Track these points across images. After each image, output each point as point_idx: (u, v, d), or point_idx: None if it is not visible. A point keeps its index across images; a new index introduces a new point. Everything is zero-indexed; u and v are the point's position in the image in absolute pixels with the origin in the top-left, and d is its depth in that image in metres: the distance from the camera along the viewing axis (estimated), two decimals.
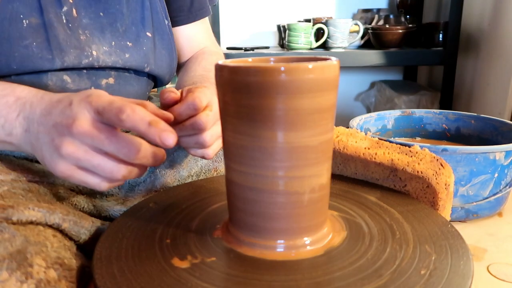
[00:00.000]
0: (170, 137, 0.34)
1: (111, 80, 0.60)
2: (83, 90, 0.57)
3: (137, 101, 0.39)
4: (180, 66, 0.76)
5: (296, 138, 0.34)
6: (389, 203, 0.46)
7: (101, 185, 0.38)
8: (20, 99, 0.41)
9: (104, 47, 0.58)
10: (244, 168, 0.35)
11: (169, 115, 0.40)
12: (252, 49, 1.66)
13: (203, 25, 0.76)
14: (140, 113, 0.34)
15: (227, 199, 0.39)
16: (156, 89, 1.61)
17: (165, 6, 0.67)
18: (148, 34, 0.63)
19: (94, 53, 0.57)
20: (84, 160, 0.36)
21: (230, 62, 0.36)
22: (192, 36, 0.75)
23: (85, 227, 0.42)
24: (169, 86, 1.62)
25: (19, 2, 0.51)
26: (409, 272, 0.34)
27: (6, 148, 0.43)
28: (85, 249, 0.42)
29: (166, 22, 0.66)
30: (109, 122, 0.35)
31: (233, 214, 0.39)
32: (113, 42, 0.59)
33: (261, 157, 0.34)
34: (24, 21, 0.51)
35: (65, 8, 0.55)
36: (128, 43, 0.61)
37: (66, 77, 0.56)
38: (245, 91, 0.33)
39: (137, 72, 0.64)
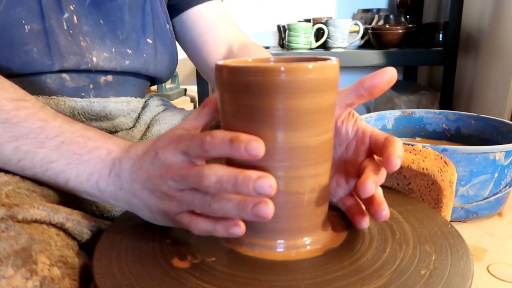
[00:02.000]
0: (255, 145, 0.31)
1: (109, 78, 0.61)
2: (81, 87, 0.58)
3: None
4: (210, 62, 0.70)
5: (296, 138, 0.34)
6: (388, 203, 0.46)
7: (207, 227, 0.35)
8: (111, 153, 0.40)
9: (104, 54, 0.58)
10: (244, 168, 0.35)
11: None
12: None
13: (220, 8, 0.71)
14: (220, 135, 0.32)
15: None
16: (156, 87, 1.61)
17: (167, 11, 0.66)
18: (149, 40, 0.63)
19: (94, 59, 0.57)
20: (186, 202, 0.35)
21: (230, 62, 0.36)
22: (212, 19, 0.69)
23: (87, 227, 0.42)
24: (170, 85, 1.62)
25: (22, 7, 0.51)
26: (409, 272, 0.34)
27: (92, 199, 0.42)
28: (87, 248, 0.43)
29: (168, 26, 0.66)
30: (198, 159, 0.34)
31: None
32: (113, 49, 0.59)
33: (261, 157, 0.34)
34: (26, 26, 0.52)
35: (66, 15, 0.55)
36: (128, 50, 0.61)
37: (64, 75, 0.57)
38: (245, 91, 0.33)
39: (136, 74, 0.64)
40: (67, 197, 0.48)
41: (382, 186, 0.51)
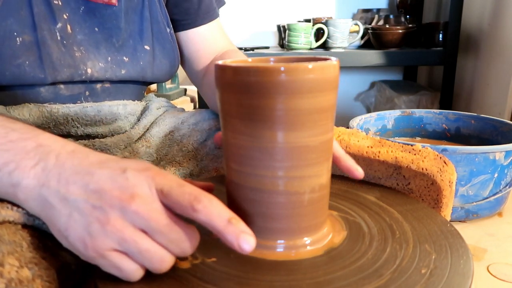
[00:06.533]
0: (250, 241, 0.29)
1: (106, 84, 0.60)
2: (76, 95, 0.57)
3: (201, 184, 0.37)
4: (201, 71, 0.72)
5: (296, 138, 0.34)
6: (388, 203, 0.46)
7: (137, 273, 0.31)
8: (43, 147, 0.34)
9: (100, 63, 0.57)
10: (244, 168, 0.35)
11: (210, 184, 0.39)
12: (252, 49, 1.66)
13: (216, 26, 0.74)
14: (218, 206, 0.30)
15: (227, 199, 0.39)
16: (156, 87, 1.61)
17: (167, 14, 0.66)
18: (146, 47, 0.61)
19: (89, 70, 0.56)
20: (131, 242, 0.29)
21: (230, 62, 0.36)
22: (208, 38, 0.72)
23: None
24: (170, 85, 1.62)
25: (13, 18, 0.50)
26: (410, 271, 0.34)
27: (4, 198, 0.36)
28: None
29: (168, 30, 0.65)
30: (175, 208, 0.30)
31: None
32: (109, 58, 0.58)
33: (261, 157, 0.34)
34: (17, 38, 0.50)
35: (59, 25, 0.54)
36: (124, 58, 0.59)
37: (59, 85, 0.56)
38: (245, 91, 0.33)
39: (133, 81, 0.63)
40: None
41: (382, 186, 0.52)
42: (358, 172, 0.42)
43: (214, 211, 0.30)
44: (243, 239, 0.29)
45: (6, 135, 0.34)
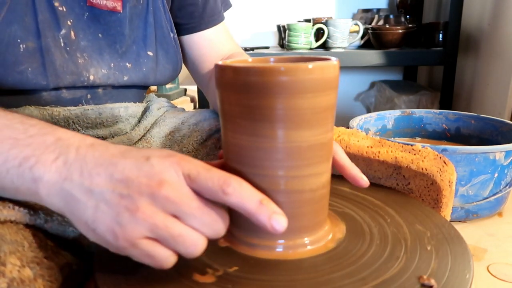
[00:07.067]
0: (281, 221, 0.30)
1: (108, 88, 0.60)
2: (78, 98, 0.57)
3: (216, 163, 0.36)
4: (206, 75, 0.72)
5: (296, 137, 0.34)
6: (363, 191, 0.48)
7: (170, 259, 0.30)
8: (62, 141, 0.33)
9: (102, 70, 0.57)
10: (245, 168, 0.36)
11: None
12: (252, 49, 1.66)
13: (221, 29, 0.73)
14: (248, 188, 0.30)
15: None
16: (156, 87, 1.61)
17: (171, 19, 0.65)
18: (150, 53, 0.61)
19: (91, 77, 0.56)
20: (163, 227, 0.29)
21: (230, 62, 0.36)
22: (213, 41, 0.72)
23: (73, 226, 0.41)
24: (170, 85, 1.62)
25: (18, 25, 0.49)
26: (419, 250, 0.35)
27: (23, 199, 0.35)
28: (80, 245, 0.42)
29: (172, 35, 0.64)
30: (204, 192, 0.30)
31: (234, 214, 0.39)
32: (112, 64, 0.58)
33: (262, 157, 0.34)
34: (21, 45, 0.50)
35: (63, 31, 0.53)
36: (127, 64, 0.59)
37: (61, 89, 0.56)
38: (245, 91, 0.33)
39: (135, 86, 0.63)
40: None
41: (382, 186, 0.52)
42: (364, 181, 0.41)
43: (245, 193, 0.30)
44: (275, 219, 0.30)
45: (26, 131, 0.34)
